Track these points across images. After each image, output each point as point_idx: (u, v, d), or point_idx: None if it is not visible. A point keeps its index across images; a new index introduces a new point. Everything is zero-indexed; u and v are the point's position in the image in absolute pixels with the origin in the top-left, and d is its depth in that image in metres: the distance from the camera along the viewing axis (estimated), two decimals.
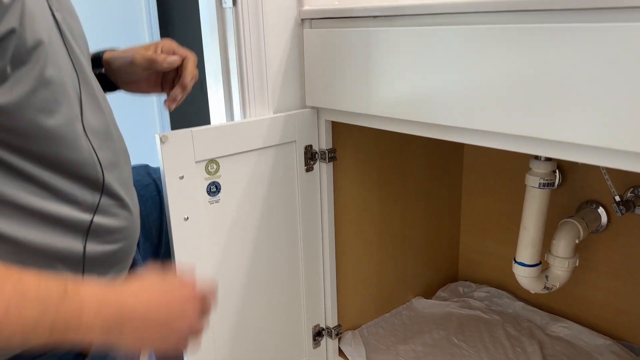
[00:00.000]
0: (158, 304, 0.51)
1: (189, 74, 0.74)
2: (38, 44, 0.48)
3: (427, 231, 1.33)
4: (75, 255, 0.55)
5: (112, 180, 0.59)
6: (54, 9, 0.55)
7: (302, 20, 0.94)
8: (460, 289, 1.40)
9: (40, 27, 0.49)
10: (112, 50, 0.78)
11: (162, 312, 0.51)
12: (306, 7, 0.92)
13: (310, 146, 0.99)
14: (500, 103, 0.67)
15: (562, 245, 1.02)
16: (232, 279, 0.92)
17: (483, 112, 0.69)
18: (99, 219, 0.57)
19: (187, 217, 0.83)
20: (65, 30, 0.56)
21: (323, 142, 0.99)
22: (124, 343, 0.50)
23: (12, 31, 0.46)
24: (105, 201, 0.58)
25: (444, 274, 1.44)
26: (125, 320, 0.48)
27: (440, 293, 1.39)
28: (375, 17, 0.81)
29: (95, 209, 0.57)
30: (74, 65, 0.56)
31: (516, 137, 0.68)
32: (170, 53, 0.74)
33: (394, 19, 0.78)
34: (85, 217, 0.56)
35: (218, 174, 0.86)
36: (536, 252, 1.02)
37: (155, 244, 0.87)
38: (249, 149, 0.89)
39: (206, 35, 0.91)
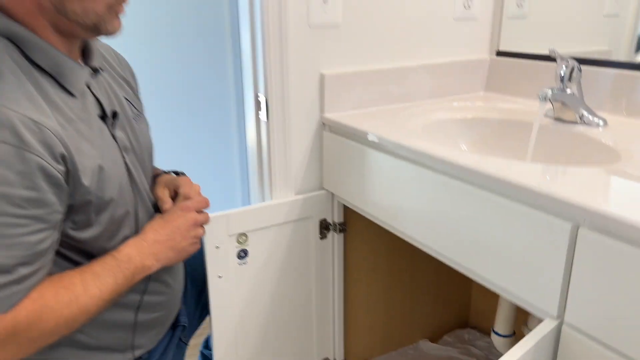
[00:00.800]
0: (164, 225, 0.85)
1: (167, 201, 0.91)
2: (112, 198, 0.78)
3: (437, 285, 1.53)
4: (129, 323, 0.85)
5: (159, 270, 0.88)
6: (125, 154, 0.83)
7: (323, 123, 1.18)
8: (466, 336, 1.58)
9: (114, 185, 0.77)
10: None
11: (167, 228, 0.84)
12: (326, 115, 1.16)
13: (325, 219, 1.23)
14: (436, 230, 0.88)
15: (537, 321, 1.18)
16: (253, 323, 1.20)
17: (426, 232, 0.90)
18: (147, 298, 0.87)
19: (221, 276, 1.12)
20: (133, 170, 0.84)
21: (336, 217, 1.24)
22: (167, 258, 0.83)
23: (92, 200, 0.74)
24: (153, 285, 0.87)
25: (454, 320, 1.62)
26: (154, 246, 0.82)
27: (446, 338, 1.58)
28: (367, 139, 1.03)
29: (144, 291, 0.86)
30: (134, 193, 0.84)
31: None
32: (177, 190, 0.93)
33: (378, 145, 1.00)
34: (136, 297, 0.85)
35: (247, 243, 1.14)
36: (510, 326, 1.19)
37: (200, 289, 1.17)
38: (273, 224, 1.16)
39: (249, 138, 1.19)
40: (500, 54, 1.36)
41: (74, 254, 0.76)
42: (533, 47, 1.29)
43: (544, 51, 1.25)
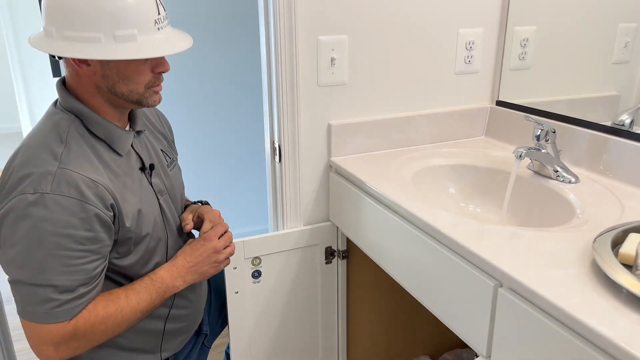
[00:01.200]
0: (190, 253, 1.06)
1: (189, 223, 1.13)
2: (148, 233, 1.01)
3: None
4: (158, 331, 1.08)
5: (184, 289, 1.10)
6: (159, 196, 1.06)
7: (330, 165, 1.37)
8: (465, 355, 1.72)
9: (150, 223, 1.00)
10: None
11: (193, 256, 1.06)
12: (332, 158, 1.35)
13: (330, 247, 1.42)
14: (405, 270, 1.05)
15: None
16: (265, 333, 1.40)
17: (399, 271, 1.07)
18: (174, 312, 1.09)
19: (237, 292, 1.33)
20: (165, 208, 1.07)
21: (340, 245, 1.42)
22: (192, 279, 1.05)
23: (132, 237, 0.97)
24: (179, 300, 1.10)
25: (455, 339, 1.76)
26: (182, 270, 1.04)
27: (446, 356, 1.73)
28: (359, 184, 1.21)
29: (171, 306, 1.09)
30: (165, 227, 1.07)
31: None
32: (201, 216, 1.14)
33: (368, 192, 1.18)
34: (165, 310, 1.08)
35: (260, 265, 1.35)
36: None
37: (222, 302, 1.39)
38: (283, 250, 1.36)
39: (267, 177, 1.39)
40: (499, 103, 1.49)
41: (117, 276, 1.00)
42: (535, 95, 1.39)
43: (549, 98, 1.35)
